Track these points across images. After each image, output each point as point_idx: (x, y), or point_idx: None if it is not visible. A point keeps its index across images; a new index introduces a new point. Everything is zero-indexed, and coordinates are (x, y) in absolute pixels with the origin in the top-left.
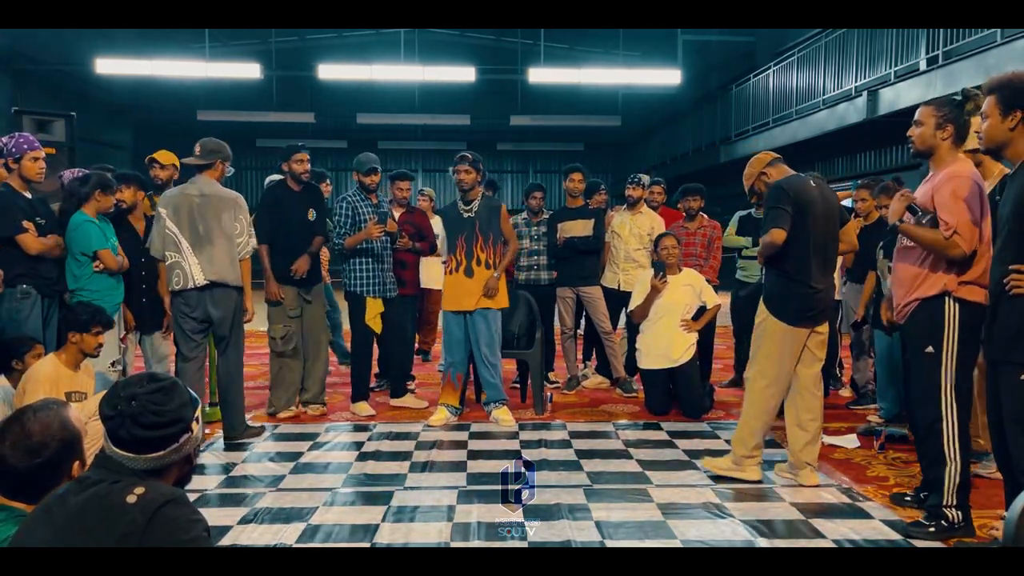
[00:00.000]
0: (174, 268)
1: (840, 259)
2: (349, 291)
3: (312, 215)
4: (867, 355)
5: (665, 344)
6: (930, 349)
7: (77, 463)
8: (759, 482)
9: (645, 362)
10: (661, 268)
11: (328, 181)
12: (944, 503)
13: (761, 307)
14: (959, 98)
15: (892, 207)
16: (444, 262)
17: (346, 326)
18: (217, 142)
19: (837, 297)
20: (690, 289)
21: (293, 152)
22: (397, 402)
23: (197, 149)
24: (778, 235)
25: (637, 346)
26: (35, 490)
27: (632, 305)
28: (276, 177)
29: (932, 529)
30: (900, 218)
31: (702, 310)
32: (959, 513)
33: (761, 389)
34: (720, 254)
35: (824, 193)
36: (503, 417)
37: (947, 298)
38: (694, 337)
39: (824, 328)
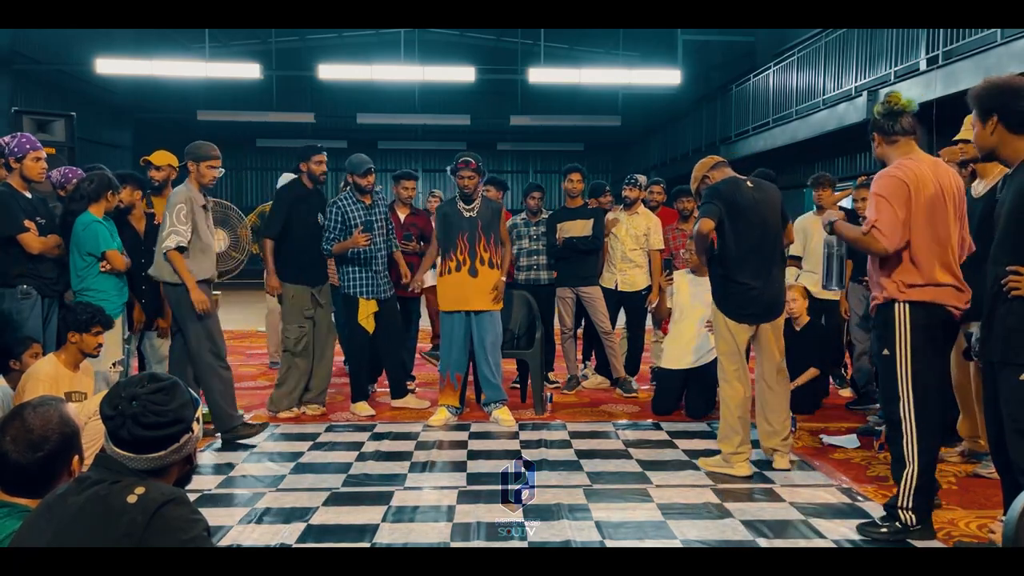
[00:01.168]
0: None
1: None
2: (343, 292)
3: (321, 219)
4: (867, 355)
5: (684, 344)
6: (886, 352)
7: (76, 458)
8: (749, 478)
9: (667, 362)
10: (668, 266)
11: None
12: (899, 504)
13: (712, 305)
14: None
15: (825, 214)
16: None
17: None
18: (193, 144)
19: (828, 296)
20: None
21: (313, 153)
22: (398, 403)
23: None
24: (705, 224)
25: (663, 345)
26: (35, 485)
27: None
28: (290, 176)
29: (884, 530)
30: (833, 219)
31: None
32: (913, 516)
33: (726, 385)
34: None
35: (761, 196)
36: (503, 417)
37: (896, 304)
38: None
39: (779, 322)
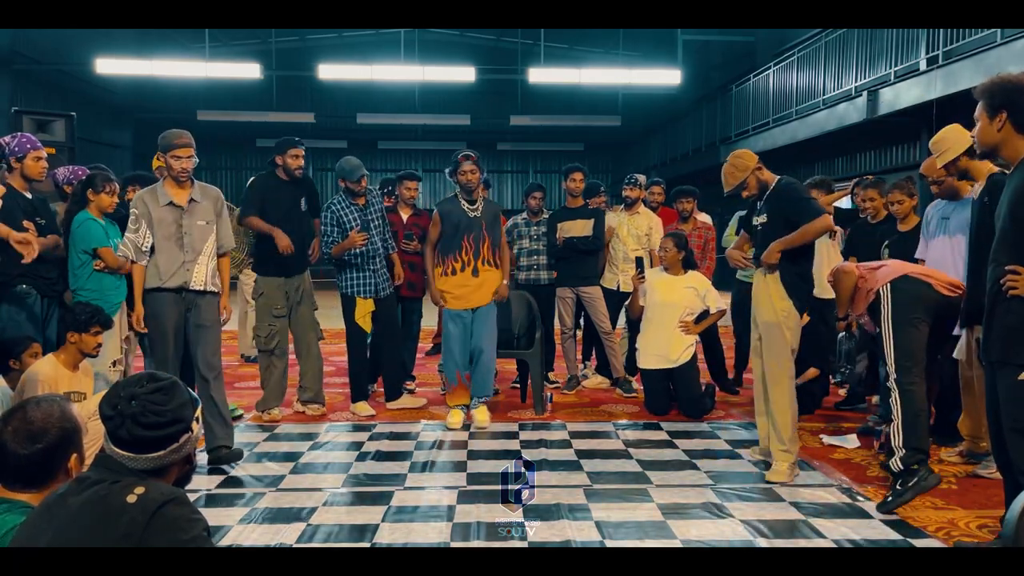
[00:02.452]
0: None
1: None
2: (341, 292)
3: (303, 205)
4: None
5: (663, 344)
6: (877, 330)
7: (75, 456)
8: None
9: (644, 362)
10: (640, 265)
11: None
12: (894, 443)
13: (782, 303)
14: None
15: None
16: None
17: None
18: (160, 135)
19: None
20: (692, 292)
21: (289, 146)
22: (393, 405)
23: None
24: (830, 219)
25: (637, 345)
26: (34, 479)
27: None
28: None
29: (898, 487)
30: None
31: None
32: (898, 461)
33: (789, 383)
34: (715, 255)
35: None
36: (480, 417)
37: (880, 290)
38: (693, 338)
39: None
